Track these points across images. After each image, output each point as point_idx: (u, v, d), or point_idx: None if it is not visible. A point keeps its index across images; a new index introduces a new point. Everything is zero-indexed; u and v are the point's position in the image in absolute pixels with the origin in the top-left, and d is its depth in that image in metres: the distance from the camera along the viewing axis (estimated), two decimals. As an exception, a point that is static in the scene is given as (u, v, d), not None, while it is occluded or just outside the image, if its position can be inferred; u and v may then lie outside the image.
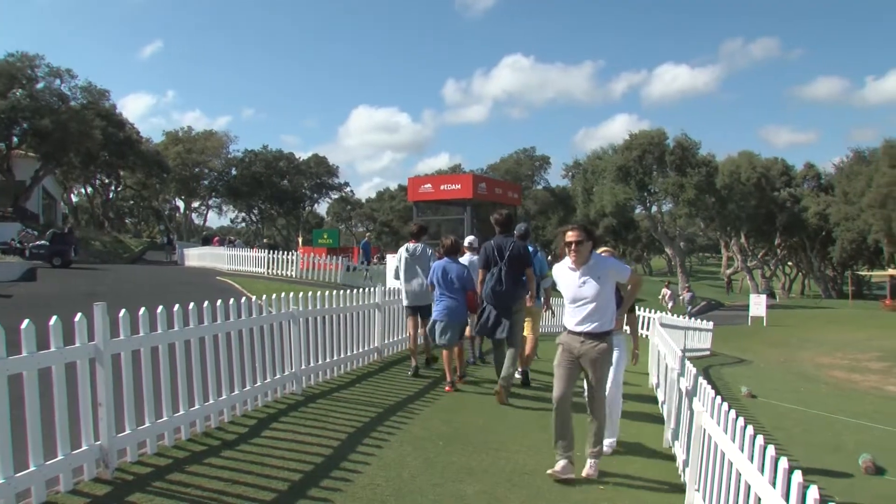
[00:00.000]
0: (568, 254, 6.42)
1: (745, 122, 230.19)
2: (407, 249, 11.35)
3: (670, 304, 30.61)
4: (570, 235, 6.37)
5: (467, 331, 11.07)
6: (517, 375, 10.38)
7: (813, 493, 3.10)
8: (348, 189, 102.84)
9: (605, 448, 7.04)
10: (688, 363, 7.28)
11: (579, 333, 6.45)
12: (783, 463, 3.49)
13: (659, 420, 9.05)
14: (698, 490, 5.57)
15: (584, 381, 6.53)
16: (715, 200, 58.03)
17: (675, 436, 7.34)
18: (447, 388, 10.00)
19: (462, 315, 10.22)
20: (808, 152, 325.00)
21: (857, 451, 8.78)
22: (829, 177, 72.20)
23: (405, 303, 11.40)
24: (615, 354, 7.14)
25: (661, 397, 9.80)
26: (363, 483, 5.79)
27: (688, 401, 6.42)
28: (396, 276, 11.54)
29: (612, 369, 6.93)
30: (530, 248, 10.02)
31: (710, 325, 22.65)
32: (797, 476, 3.31)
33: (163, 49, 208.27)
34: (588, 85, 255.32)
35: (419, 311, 11.22)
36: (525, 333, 10.48)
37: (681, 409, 7.04)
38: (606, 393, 6.75)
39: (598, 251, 6.95)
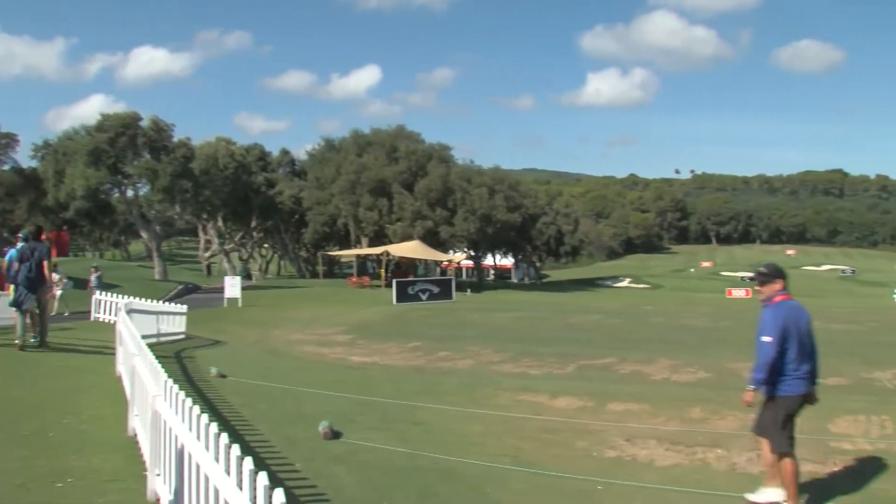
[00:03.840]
0: None
1: (221, 109, 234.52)
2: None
3: (59, 289, 26.75)
4: None
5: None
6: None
7: (248, 463, 3.26)
8: None
9: None
10: (144, 346, 6.94)
11: None
12: (224, 438, 3.40)
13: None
14: (160, 475, 5.50)
15: None
16: (192, 185, 57.69)
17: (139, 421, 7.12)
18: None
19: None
20: (283, 139, 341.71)
21: (318, 419, 9.31)
22: (302, 163, 75.82)
23: None
24: None
25: (126, 383, 9.32)
26: None
27: (146, 386, 6.18)
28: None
29: None
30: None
31: (184, 308, 22.35)
32: (237, 452, 3.43)
33: None
34: (59, 62, 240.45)
35: None
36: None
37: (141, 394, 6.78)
38: None
39: None
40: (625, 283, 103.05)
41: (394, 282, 40.07)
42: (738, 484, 7.50)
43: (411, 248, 53.79)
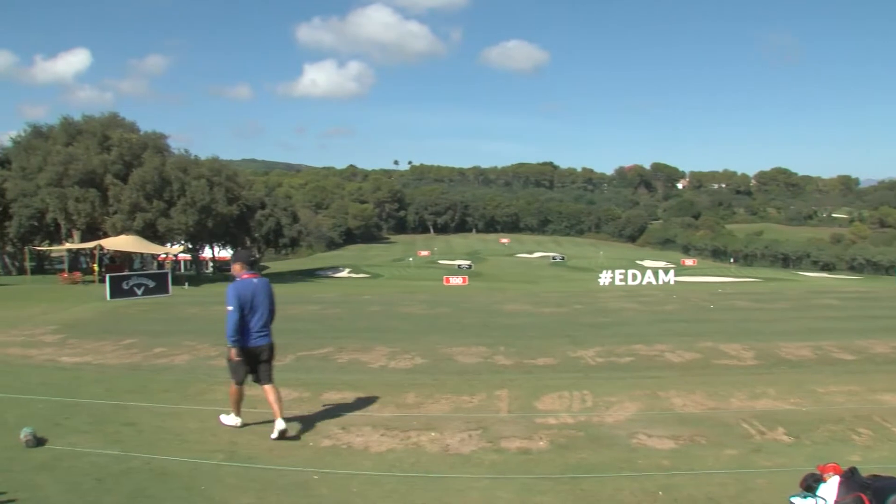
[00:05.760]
0: None
1: None
2: None
3: None
4: None
5: None
6: None
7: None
8: None
9: None
10: None
11: None
12: None
13: None
14: None
15: None
16: None
17: None
18: None
19: None
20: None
21: (20, 426, 8.91)
22: (6, 150, 70.60)
23: None
24: None
25: None
26: None
27: None
28: None
29: None
30: None
31: None
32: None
33: None
34: None
35: None
36: None
37: None
38: None
39: None
40: (344, 273, 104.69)
41: (107, 277, 38.51)
42: (449, 464, 8.04)
43: (126, 242, 51.90)
